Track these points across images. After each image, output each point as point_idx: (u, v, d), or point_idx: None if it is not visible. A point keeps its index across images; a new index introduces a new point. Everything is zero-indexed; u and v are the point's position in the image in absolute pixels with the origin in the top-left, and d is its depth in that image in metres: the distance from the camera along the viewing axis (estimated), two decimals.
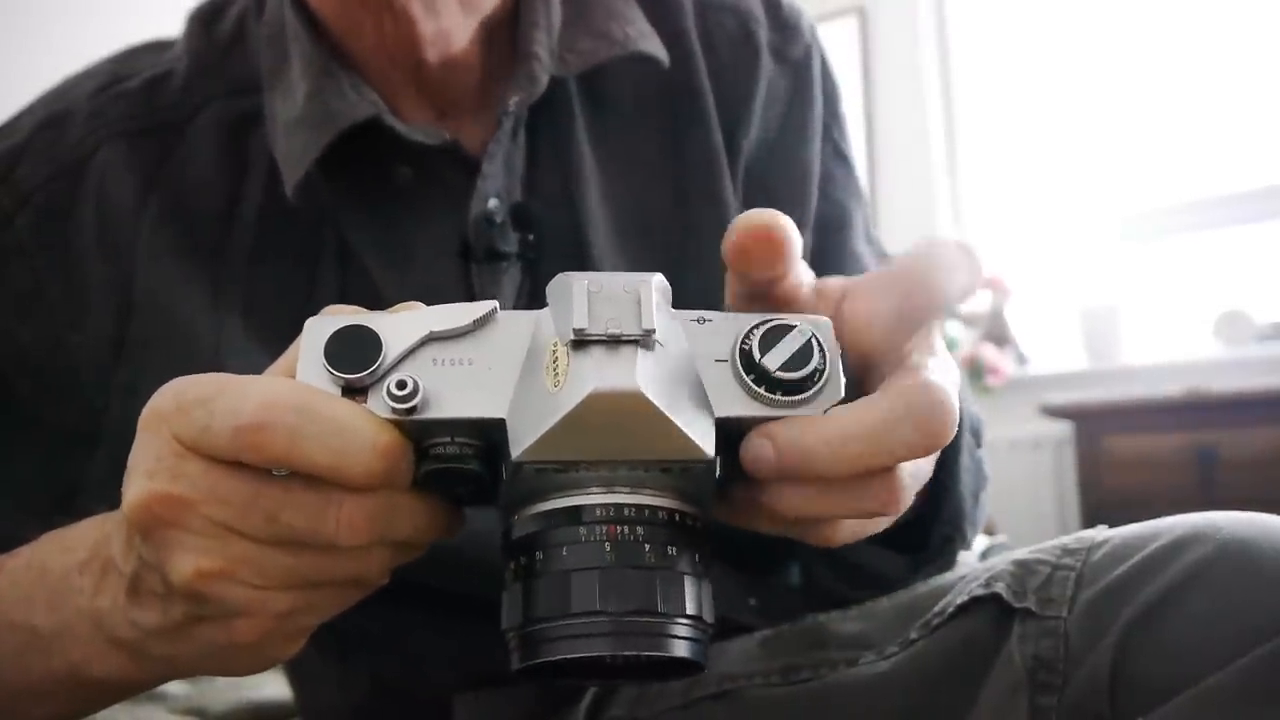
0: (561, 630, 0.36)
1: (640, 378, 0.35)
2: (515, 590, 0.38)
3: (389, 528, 0.38)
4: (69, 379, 0.61)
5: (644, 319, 0.36)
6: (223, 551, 0.37)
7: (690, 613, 0.37)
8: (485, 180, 0.61)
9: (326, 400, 0.36)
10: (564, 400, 0.35)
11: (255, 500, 0.37)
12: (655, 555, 0.37)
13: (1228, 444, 2.27)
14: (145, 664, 0.44)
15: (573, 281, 0.37)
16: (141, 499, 0.37)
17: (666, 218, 0.66)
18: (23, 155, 0.63)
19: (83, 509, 0.49)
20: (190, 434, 0.37)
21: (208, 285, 0.61)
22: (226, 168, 0.63)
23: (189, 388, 0.37)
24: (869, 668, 0.56)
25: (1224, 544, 0.47)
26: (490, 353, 0.37)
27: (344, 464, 0.36)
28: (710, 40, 0.69)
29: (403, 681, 0.69)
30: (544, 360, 0.36)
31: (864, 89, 3.28)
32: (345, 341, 0.37)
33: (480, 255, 0.62)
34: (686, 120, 0.67)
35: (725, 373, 0.38)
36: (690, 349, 0.38)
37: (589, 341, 0.36)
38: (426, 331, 0.37)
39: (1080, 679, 0.48)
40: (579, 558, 0.36)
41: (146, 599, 0.41)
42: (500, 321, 0.38)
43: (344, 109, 0.59)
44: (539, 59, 0.62)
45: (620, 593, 0.36)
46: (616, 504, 0.37)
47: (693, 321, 0.38)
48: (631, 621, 0.36)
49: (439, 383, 0.37)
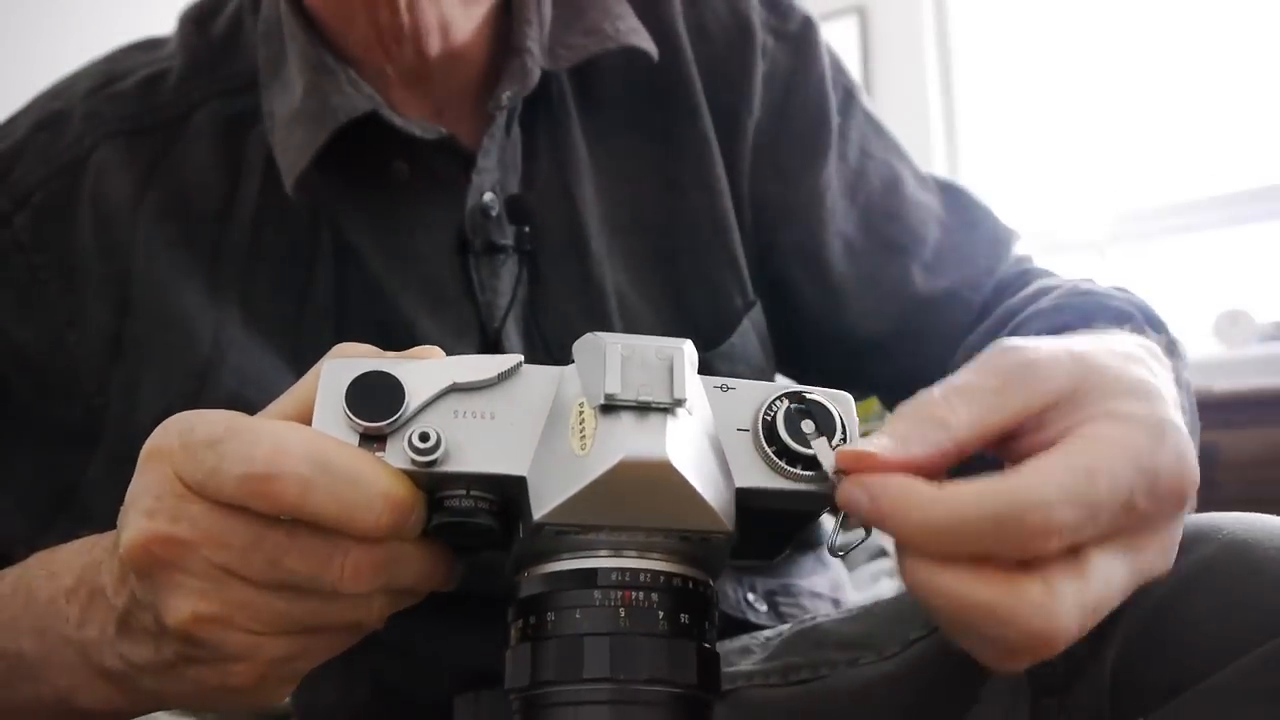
0: (570, 696, 0.36)
1: (670, 448, 0.34)
2: (522, 650, 0.37)
3: (394, 577, 0.38)
4: (68, 377, 0.61)
5: (676, 388, 0.35)
6: (220, 595, 0.36)
7: (698, 683, 0.36)
8: (480, 174, 0.62)
9: (340, 450, 0.35)
10: (592, 465, 0.35)
11: (258, 545, 0.36)
12: (668, 623, 0.36)
13: (1228, 444, 2.27)
14: (133, 696, 0.44)
15: (605, 344, 0.36)
16: (140, 539, 0.36)
17: (659, 207, 0.67)
18: (20, 155, 0.63)
19: (81, 508, 0.49)
20: (195, 476, 0.36)
21: (205, 283, 0.61)
22: (223, 166, 0.63)
23: (195, 426, 0.36)
24: (869, 668, 0.55)
25: (1226, 544, 0.46)
26: (513, 408, 0.37)
27: (355, 516, 0.35)
28: (702, 28, 0.69)
29: (404, 683, 0.69)
30: (569, 420, 0.36)
31: (864, 89, 3.28)
32: (367, 389, 0.36)
33: (478, 248, 0.62)
34: (676, 110, 0.67)
35: (746, 443, 0.38)
36: (713, 416, 0.37)
37: (619, 407, 0.35)
38: (450, 382, 0.37)
39: (1081, 679, 0.48)
40: (593, 622, 0.36)
41: (138, 635, 0.40)
42: (524, 375, 0.38)
43: (342, 104, 0.59)
44: (531, 53, 0.62)
45: (633, 660, 0.35)
46: (632, 569, 0.36)
47: (716, 388, 0.38)
48: (640, 690, 0.35)
49: (460, 435, 0.36)
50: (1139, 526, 0.35)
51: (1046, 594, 0.33)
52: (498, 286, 0.63)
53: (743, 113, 0.68)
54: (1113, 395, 0.36)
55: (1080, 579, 0.33)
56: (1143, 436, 0.35)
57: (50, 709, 0.46)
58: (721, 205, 0.67)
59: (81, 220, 0.61)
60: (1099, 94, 2.93)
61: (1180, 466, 0.35)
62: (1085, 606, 0.33)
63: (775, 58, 0.70)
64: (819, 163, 0.70)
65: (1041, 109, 3.03)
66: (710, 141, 0.67)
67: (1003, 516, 0.32)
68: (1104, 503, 0.33)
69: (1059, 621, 0.33)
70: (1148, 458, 0.35)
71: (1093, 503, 0.33)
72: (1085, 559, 0.34)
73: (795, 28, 0.71)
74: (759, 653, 0.61)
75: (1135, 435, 0.35)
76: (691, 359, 0.37)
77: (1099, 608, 0.34)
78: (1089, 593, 0.34)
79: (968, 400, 0.36)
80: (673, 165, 0.67)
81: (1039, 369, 0.36)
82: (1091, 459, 0.34)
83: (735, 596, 0.70)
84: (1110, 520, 0.34)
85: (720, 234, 0.67)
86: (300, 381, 0.39)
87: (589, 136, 0.66)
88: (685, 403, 0.35)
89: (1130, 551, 0.35)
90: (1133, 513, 0.34)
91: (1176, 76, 2.82)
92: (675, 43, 0.68)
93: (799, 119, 0.70)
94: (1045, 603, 0.33)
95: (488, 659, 0.65)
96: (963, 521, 0.33)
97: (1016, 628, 0.33)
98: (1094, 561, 0.34)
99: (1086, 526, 0.33)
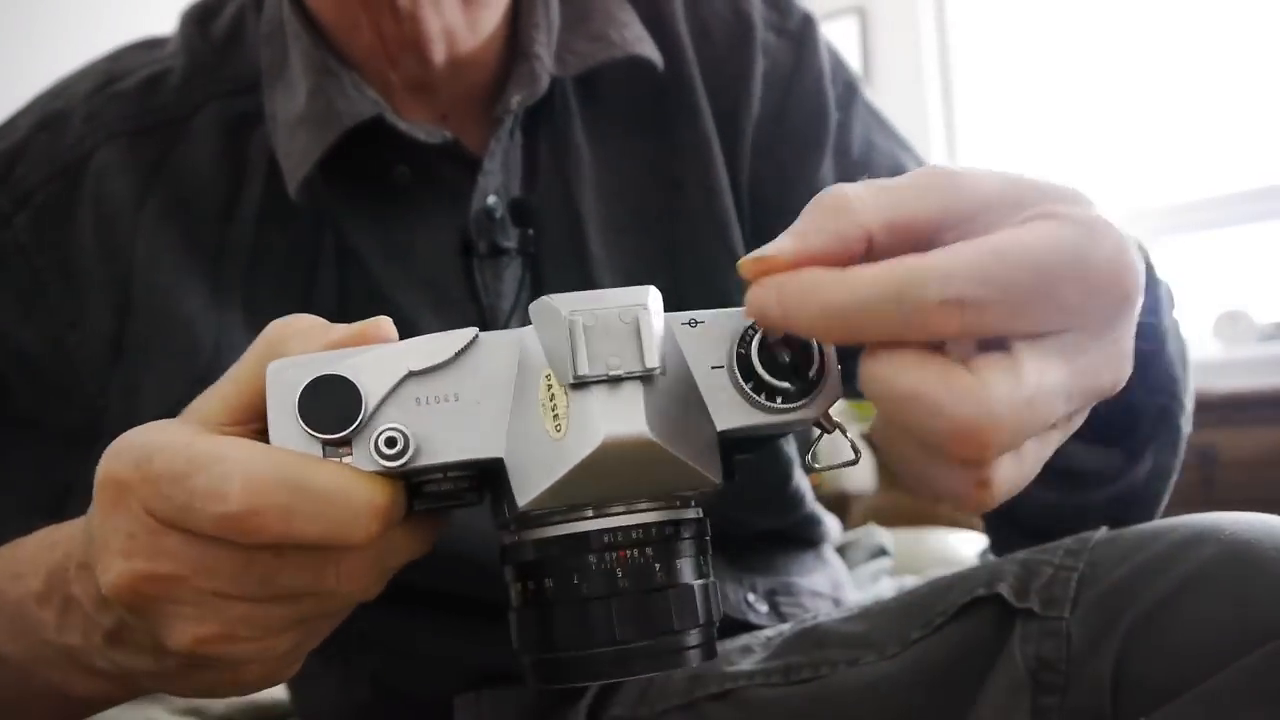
0: (581, 658, 0.36)
1: (648, 421, 0.33)
2: (528, 615, 0.37)
3: (389, 563, 0.38)
4: (68, 379, 0.61)
5: (646, 356, 0.34)
6: (219, 617, 0.35)
7: (701, 622, 0.37)
8: (486, 177, 0.62)
9: (315, 469, 0.33)
10: (570, 449, 0.33)
11: (247, 569, 0.35)
12: (665, 573, 0.36)
13: (1228, 444, 2.27)
14: (132, 689, 0.43)
15: (565, 316, 0.34)
16: (124, 581, 0.35)
17: (660, 209, 0.67)
18: (21, 156, 0.63)
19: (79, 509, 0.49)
20: (166, 511, 0.34)
21: (207, 284, 0.61)
22: (225, 167, 0.63)
23: (152, 455, 0.34)
24: (870, 668, 0.55)
25: (1228, 545, 0.46)
26: (476, 385, 0.35)
27: (343, 533, 0.34)
28: (704, 28, 0.69)
29: (403, 682, 0.69)
30: (537, 394, 0.35)
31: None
32: (321, 396, 0.34)
33: (482, 251, 0.62)
34: (677, 112, 0.67)
35: (722, 380, 0.36)
36: (683, 357, 0.36)
37: (590, 382, 0.34)
38: (405, 370, 0.35)
39: (1082, 679, 0.48)
40: (593, 586, 0.36)
41: (133, 647, 0.40)
42: (481, 347, 0.36)
43: (347, 108, 0.59)
44: (540, 59, 0.62)
45: (637, 619, 0.35)
46: (623, 526, 0.36)
47: (684, 324, 0.37)
48: (649, 645, 0.36)
49: (426, 425, 0.35)
50: (1074, 323, 0.32)
51: (975, 382, 0.31)
52: (501, 289, 0.63)
53: (743, 112, 0.68)
54: (1048, 199, 0.34)
55: (1009, 372, 0.31)
56: (1072, 230, 0.32)
57: (45, 699, 0.46)
58: (722, 205, 0.67)
59: (82, 221, 0.61)
60: (1098, 96, 2.93)
61: (1118, 258, 0.32)
62: (1018, 399, 0.31)
63: (776, 55, 0.70)
64: (816, 159, 0.70)
65: (1040, 109, 3.03)
66: (711, 142, 0.67)
67: (903, 291, 0.31)
68: (1018, 284, 0.31)
69: (990, 408, 0.31)
70: (1076, 248, 0.32)
71: (1002, 281, 0.31)
72: (1014, 354, 0.32)
73: (795, 25, 0.71)
74: (760, 652, 0.61)
75: (1064, 229, 0.32)
76: (657, 310, 0.35)
77: (1034, 403, 0.32)
78: (1021, 387, 0.31)
79: (878, 191, 0.33)
80: (674, 166, 0.67)
81: (965, 176, 0.34)
82: (1003, 240, 0.31)
83: (735, 597, 0.70)
84: (1035, 310, 0.32)
85: (722, 233, 0.67)
86: (236, 369, 0.37)
87: (590, 138, 0.66)
88: (657, 368, 0.34)
89: (1068, 351, 0.33)
90: (1062, 306, 0.32)
91: (1176, 76, 2.82)
92: (677, 44, 0.68)
93: (797, 116, 0.70)
94: (974, 389, 0.31)
95: (488, 659, 0.66)
96: (865, 301, 0.31)
97: (946, 416, 0.31)
98: (1023, 357, 0.32)
99: (998, 308, 0.31)
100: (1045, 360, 0.32)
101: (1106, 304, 0.33)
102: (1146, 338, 0.49)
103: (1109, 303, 0.33)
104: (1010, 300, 0.31)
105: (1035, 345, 0.32)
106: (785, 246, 0.33)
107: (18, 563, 0.45)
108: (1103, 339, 0.33)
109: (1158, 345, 0.54)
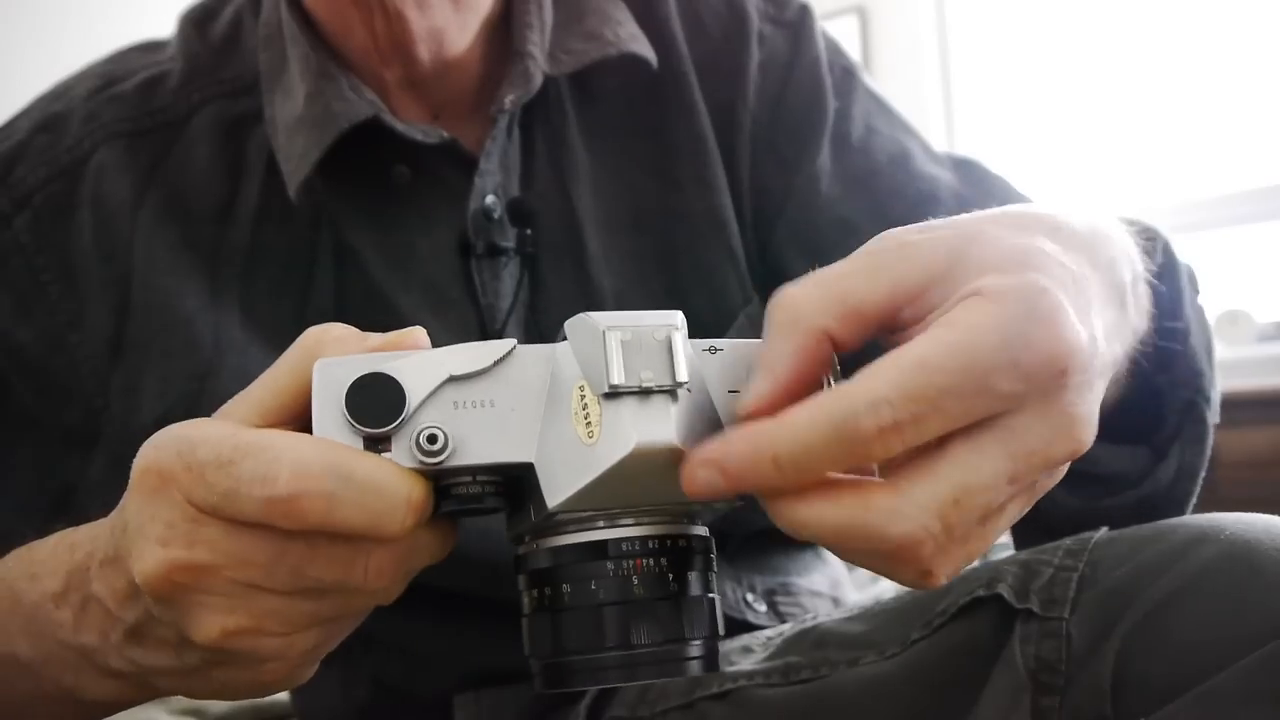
0: (593, 663, 0.37)
1: (677, 431, 0.35)
2: (542, 621, 0.38)
3: (411, 563, 0.38)
4: (68, 379, 0.61)
5: (677, 370, 0.36)
6: (248, 609, 0.36)
7: (708, 633, 0.38)
8: (483, 176, 0.62)
9: (360, 461, 0.35)
10: (602, 455, 0.35)
11: (281, 559, 0.36)
12: (678, 583, 0.38)
13: (1228, 444, 2.26)
14: (146, 691, 0.43)
15: (603, 330, 0.36)
16: (160, 569, 0.36)
17: (657, 207, 0.67)
18: (20, 157, 0.63)
19: (79, 509, 0.49)
20: (209, 500, 0.35)
21: (205, 285, 0.61)
22: (224, 168, 0.63)
23: (196, 445, 0.35)
24: (870, 668, 0.55)
25: (1228, 546, 0.46)
26: (511, 393, 0.37)
27: (381, 524, 0.35)
28: (698, 23, 0.69)
29: (404, 682, 0.69)
30: (569, 404, 0.36)
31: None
32: (367, 392, 0.36)
33: (480, 251, 0.62)
34: (672, 110, 0.67)
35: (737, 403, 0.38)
36: (704, 381, 0.38)
37: (623, 393, 0.36)
38: (447, 374, 0.37)
39: (1083, 680, 0.48)
40: (608, 592, 0.37)
41: (154, 644, 0.40)
42: (518, 358, 0.38)
43: (344, 110, 0.59)
44: (534, 58, 0.62)
45: (650, 626, 0.37)
46: (641, 536, 0.37)
47: (705, 351, 0.38)
48: (660, 651, 0.37)
49: (463, 427, 0.36)
50: (1011, 405, 0.32)
51: (894, 496, 0.32)
52: (499, 289, 0.63)
53: (739, 105, 0.68)
54: (986, 269, 0.33)
55: (930, 473, 0.32)
56: (999, 313, 0.32)
57: (55, 702, 0.46)
58: (719, 202, 0.67)
59: (82, 222, 0.61)
60: (1098, 96, 2.93)
61: (1051, 333, 0.32)
62: (941, 500, 0.31)
63: (772, 46, 0.70)
64: (813, 147, 0.69)
65: (1040, 109, 3.03)
66: (707, 138, 0.67)
67: (839, 428, 0.31)
68: (948, 389, 0.31)
69: (912, 522, 0.31)
70: (1003, 335, 0.31)
71: (931, 393, 0.31)
72: (944, 450, 0.32)
73: (792, 15, 0.71)
74: (760, 652, 0.61)
75: (993, 313, 0.32)
76: (684, 331, 0.37)
77: (961, 499, 0.32)
78: (942, 485, 0.32)
79: (826, 286, 0.34)
80: (670, 163, 0.67)
81: (912, 248, 0.34)
82: (926, 349, 0.31)
83: (735, 597, 0.70)
84: (964, 407, 0.31)
85: (719, 231, 0.67)
86: (270, 374, 0.38)
87: (586, 137, 0.66)
88: (686, 384, 0.36)
89: (1003, 435, 0.32)
90: (996, 395, 0.32)
91: (1176, 76, 2.82)
92: (671, 41, 0.68)
93: (795, 105, 0.69)
94: (898, 507, 0.31)
95: (488, 659, 0.66)
96: (810, 444, 0.31)
97: (880, 539, 0.32)
98: (953, 452, 0.32)
99: (930, 420, 0.31)
100: (978, 453, 0.32)
101: (1043, 382, 0.32)
102: (1167, 338, 0.50)
103: (1045, 380, 0.32)
104: (942, 407, 0.31)
105: (969, 439, 0.32)
106: (762, 392, 0.34)
107: (34, 564, 0.45)
108: (1047, 413, 0.33)
109: (1179, 343, 0.53)
